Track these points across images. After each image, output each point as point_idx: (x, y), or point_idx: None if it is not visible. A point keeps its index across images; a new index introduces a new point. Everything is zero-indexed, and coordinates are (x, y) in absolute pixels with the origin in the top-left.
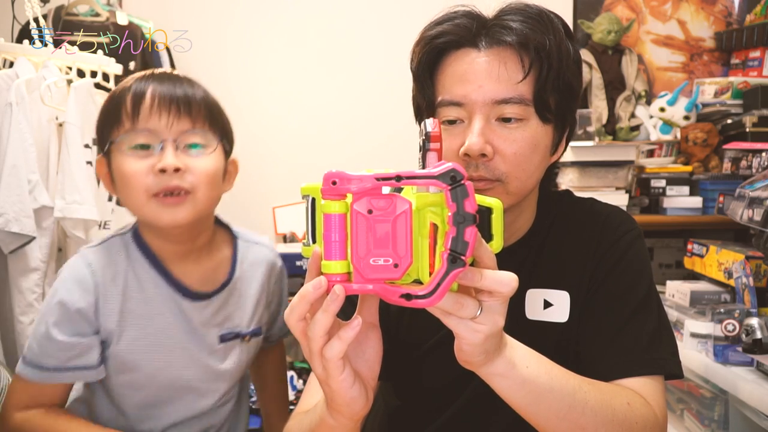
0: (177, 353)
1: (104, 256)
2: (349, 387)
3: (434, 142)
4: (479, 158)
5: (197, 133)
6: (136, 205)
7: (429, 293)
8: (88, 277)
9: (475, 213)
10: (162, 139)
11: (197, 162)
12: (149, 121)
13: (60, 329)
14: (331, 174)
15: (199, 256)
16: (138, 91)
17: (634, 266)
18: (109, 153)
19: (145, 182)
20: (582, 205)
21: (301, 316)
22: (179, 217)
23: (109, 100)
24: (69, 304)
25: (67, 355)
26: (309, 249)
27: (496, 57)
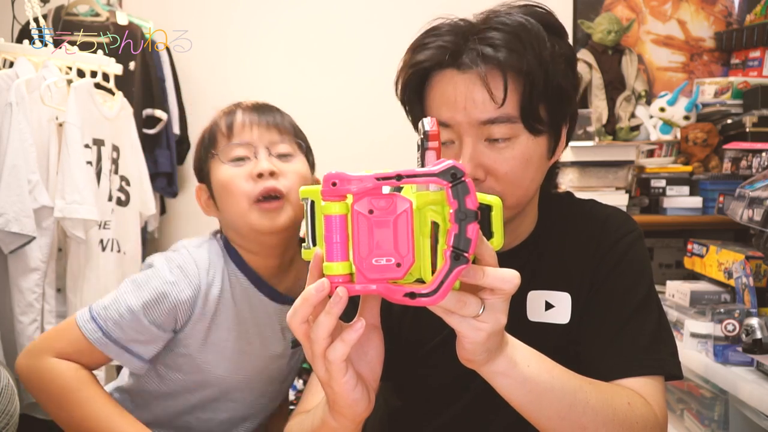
0: (255, 354)
1: (206, 254)
2: (351, 389)
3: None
4: None
5: (285, 142)
6: (239, 213)
7: (432, 291)
8: (195, 277)
9: (476, 209)
10: (255, 149)
11: (289, 166)
12: (242, 135)
13: (147, 312)
14: (331, 175)
15: (288, 270)
16: (229, 115)
17: (634, 267)
18: (208, 175)
19: (245, 188)
20: (582, 207)
21: (304, 318)
22: (279, 222)
23: (204, 132)
24: (171, 296)
25: (135, 338)
26: (309, 252)
27: (477, 79)
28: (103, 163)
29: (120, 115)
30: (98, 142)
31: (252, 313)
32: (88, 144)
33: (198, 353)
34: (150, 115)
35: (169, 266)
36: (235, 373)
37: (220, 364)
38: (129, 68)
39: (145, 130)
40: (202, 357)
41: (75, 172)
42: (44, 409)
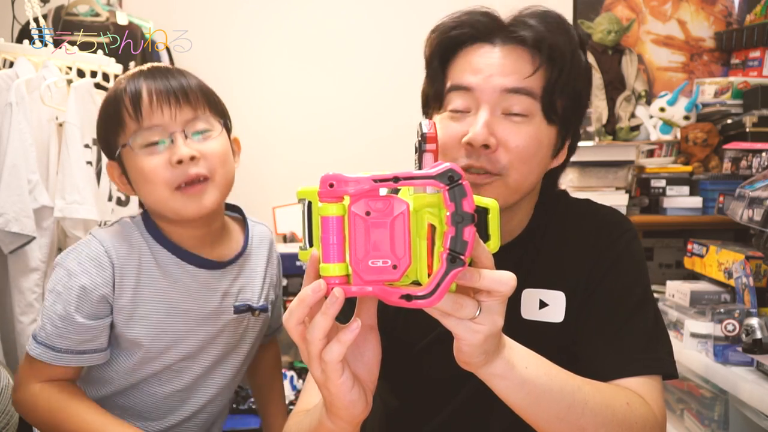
0: (193, 324)
1: (117, 234)
2: (348, 390)
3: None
4: (481, 149)
5: (200, 119)
6: (160, 201)
7: (429, 293)
8: (104, 257)
9: (473, 212)
10: (170, 132)
11: (208, 146)
12: (153, 117)
13: (81, 312)
14: (328, 176)
15: (215, 238)
16: (134, 91)
17: (631, 267)
18: (119, 156)
19: (165, 176)
20: (578, 206)
21: (300, 319)
22: (206, 204)
23: (105, 104)
24: (91, 288)
25: (81, 338)
26: (306, 253)
27: (510, 54)
28: (103, 163)
29: None
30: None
31: (181, 282)
32: (88, 144)
33: (126, 329)
34: None
35: (78, 259)
36: (174, 343)
37: (152, 335)
38: (129, 68)
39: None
40: (131, 332)
41: (75, 172)
42: None
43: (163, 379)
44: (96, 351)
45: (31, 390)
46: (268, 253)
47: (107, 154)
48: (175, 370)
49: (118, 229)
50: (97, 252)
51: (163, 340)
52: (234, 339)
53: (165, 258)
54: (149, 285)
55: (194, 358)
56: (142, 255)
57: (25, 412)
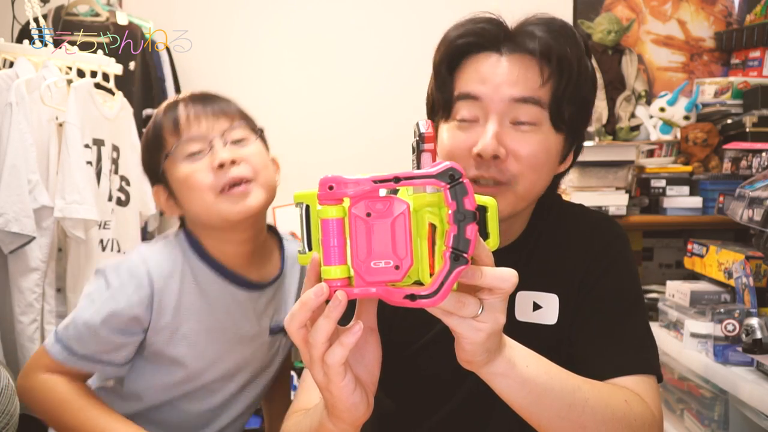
0: (231, 343)
1: (161, 252)
2: (350, 393)
3: (428, 142)
4: (491, 160)
5: (237, 128)
6: (206, 207)
7: (433, 293)
8: (144, 277)
9: (475, 210)
10: (209, 140)
11: (246, 150)
12: (191, 129)
13: (108, 326)
14: (327, 179)
15: (259, 257)
16: (171, 112)
17: (624, 270)
18: (163, 176)
19: (208, 181)
20: (571, 211)
21: (302, 323)
22: (252, 204)
23: (147, 133)
24: (125, 305)
25: (101, 349)
26: (305, 257)
27: (517, 63)
28: (103, 163)
29: (120, 115)
30: (98, 142)
31: (221, 302)
32: (88, 144)
33: (167, 348)
34: (150, 115)
35: (117, 272)
36: (213, 362)
37: (193, 355)
38: (129, 68)
39: (145, 130)
40: (173, 351)
41: (75, 172)
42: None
43: (197, 398)
44: (114, 364)
45: (40, 379)
46: (300, 272)
47: (153, 179)
48: (210, 390)
49: (162, 247)
50: (138, 270)
51: (204, 359)
52: (267, 359)
53: (206, 277)
54: (190, 305)
55: (229, 379)
56: (184, 274)
57: (29, 400)
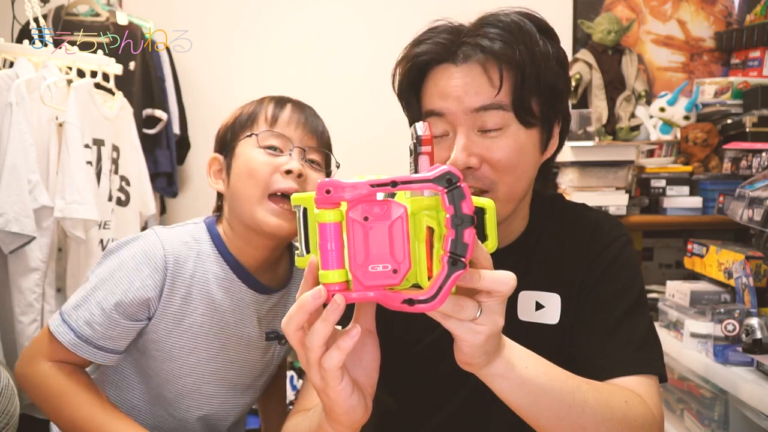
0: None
1: (180, 237)
2: (347, 396)
3: (425, 145)
4: (466, 171)
5: (319, 152)
6: (250, 200)
7: (431, 297)
8: (160, 259)
9: (472, 214)
10: (292, 147)
11: (314, 175)
12: (285, 128)
13: (119, 309)
14: (325, 183)
15: (273, 264)
16: (279, 104)
17: (626, 270)
18: (232, 150)
19: (269, 179)
20: (573, 211)
21: (299, 325)
22: (285, 227)
23: (245, 107)
24: (140, 291)
25: (107, 334)
26: (303, 259)
27: (473, 70)
28: (103, 163)
29: (120, 115)
30: (98, 142)
31: (229, 300)
32: (88, 144)
33: (168, 337)
34: (150, 115)
35: (132, 252)
36: (208, 360)
37: (190, 348)
38: (129, 68)
39: (145, 130)
40: (172, 341)
41: (75, 172)
42: (43, 412)
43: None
44: (112, 351)
45: (42, 367)
46: None
47: (219, 147)
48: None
49: (181, 233)
50: (155, 252)
51: (199, 354)
52: (259, 367)
53: (220, 271)
54: (198, 297)
55: (224, 381)
56: (198, 264)
57: (30, 388)
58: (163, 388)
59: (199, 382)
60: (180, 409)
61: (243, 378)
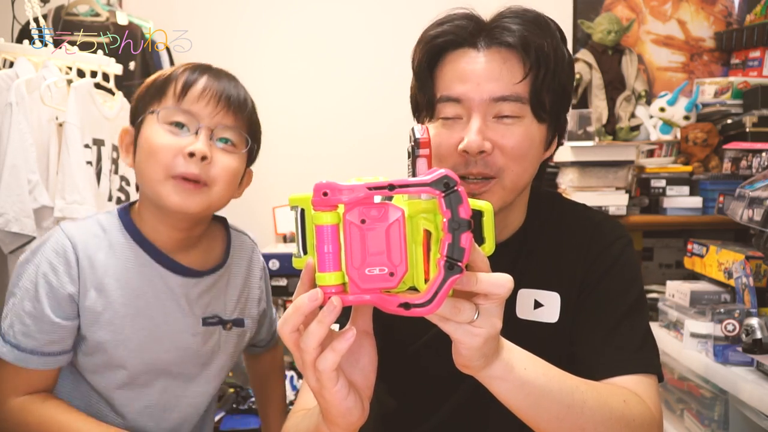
0: (158, 332)
1: (87, 229)
2: (343, 398)
3: (423, 148)
4: (478, 155)
5: (233, 130)
6: (151, 180)
7: (427, 301)
8: (71, 253)
9: (470, 219)
10: (199, 125)
11: (223, 158)
12: (194, 104)
13: (52, 310)
14: (322, 185)
15: (194, 244)
16: (191, 77)
17: (626, 271)
18: (140, 124)
19: (170, 161)
20: (574, 210)
21: (294, 327)
22: (191, 205)
23: (157, 77)
24: (57, 285)
25: (49, 338)
26: (301, 260)
27: (495, 57)
28: (103, 163)
29: (120, 115)
30: (98, 142)
31: (151, 287)
32: (88, 144)
33: (91, 332)
34: None
35: (43, 255)
36: (137, 351)
37: (116, 341)
38: (129, 68)
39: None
40: (97, 336)
41: (75, 172)
42: None
43: (130, 395)
44: (61, 353)
45: (13, 404)
46: (248, 265)
47: (132, 119)
48: (142, 383)
49: (89, 224)
50: (64, 247)
51: (126, 346)
52: (204, 353)
53: (134, 257)
54: (115, 287)
55: (162, 372)
56: (109, 252)
57: (11, 428)
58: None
59: (133, 373)
60: (118, 403)
61: (184, 367)
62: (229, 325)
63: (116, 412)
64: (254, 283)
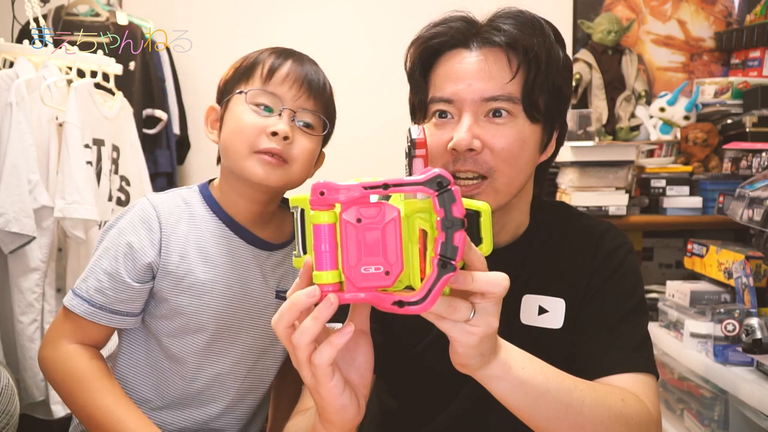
0: (234, 300)
1: (171, 200)
2: (339, 394)
3: (419, 148)
4: (467, 153)
5: (313, 113)
6: (237, 154)
7: (421, 299)
8: (154, 220)
9: (463, 217)
10: (282, 108)
11: (303, 139)
12: (279, 88)
13: (127, 270)
14: (319, 185)
15: (269, 219)
16: (278, 61)
17: (629, 277)
18: (228, 102)
19: (254, 139)
20: (579, 218)
21: (289, 323)
22: (272, 179)
23: (245, 59)
24: (138, 248)
25: (118, 297)
26: (300, 260)
27: (486, 57)
28: (103, 163)
29: (120, 115)
30: (98, 142)
31: (230, 256)
32: (88, 144)
33: (172, 295)
34: (150, 115)
35: (128, 219)
36: (215, 318)
37: (196, 305)
38: (129, 68)
39: (145, 130)
40: (176, 299)
41: (75, 172)
42: (59, 395)
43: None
44: (128, 314)
45: (63, 349)
46: None
47: (218, 98)
48: (216, 350)
49: (172, 196)
50: (148, 214)
51: (204, 311)
52: None
53: (215, 228)
54: (196, 254)
55: (234, 340)
56: (191, 222)
57: (50, 370)
58: (173, 347)
59: (209, 339)
60: (190, 369)
61: (256, 337)
62: None
63: (186, 378)
64: None
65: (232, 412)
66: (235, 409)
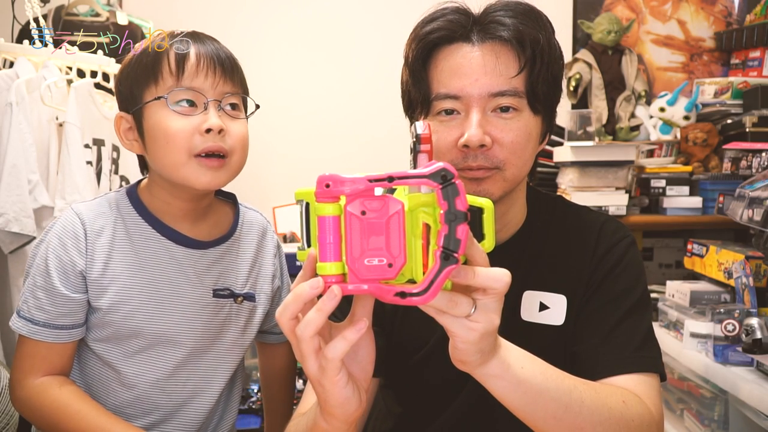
0: (166, 302)
1: (94, 206)
2: (342, 386)
3: (424, 143)
4: (478, 149)
5: (236, 95)
6: (174, 164)
7: (423, 291)
8: (79, 228)
9: (466, 211)
10: (207, 100)
11: (235, 126)
12: (194, 80)
13: (62, 282)
14: (324, 177)
15: (202, 216)
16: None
17: (630, 271)
18: (140, 111)
19: (190, 142)
20: (578, 212)
21: (293, 314)
22: (218, 181)
23: (141, 55)
24: (67, 259)
25: (59, 311)
26: (304, 253)
27: (490, 51)
28: (103, 163)
29: None
30: (98, 142)
31: (158, 259)
32: (88, 144)
33: (100, 303)
34: None
35: (55, 232)
36: (146, 322)
37: (128, 313)
38: None
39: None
40: (106, 307)
41: (75, 172)
42: None
43: (141, 368)
44: (74, 327)
45: (31, 386)
46: (259, 239)
47: (124, 106)
48: (152, 355)
49: (99, 202)
50: (73, 224)
51: (135, 316)
52: (215, 325)
53: (142, 231)
54: (121, 260)
55: (171, 343)
56: (116, 229)
57: (26, 410)
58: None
59: (145, 344)
60: (128, 375)
61: (194, 338)
62: (240, 298)
63: (126, 385)
64: (267, 259)
65: (178, 418)
66: (181, 414)
